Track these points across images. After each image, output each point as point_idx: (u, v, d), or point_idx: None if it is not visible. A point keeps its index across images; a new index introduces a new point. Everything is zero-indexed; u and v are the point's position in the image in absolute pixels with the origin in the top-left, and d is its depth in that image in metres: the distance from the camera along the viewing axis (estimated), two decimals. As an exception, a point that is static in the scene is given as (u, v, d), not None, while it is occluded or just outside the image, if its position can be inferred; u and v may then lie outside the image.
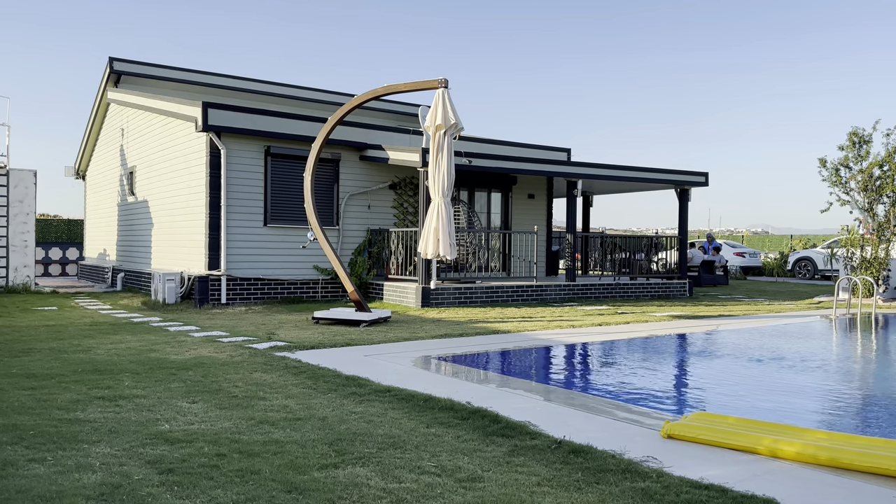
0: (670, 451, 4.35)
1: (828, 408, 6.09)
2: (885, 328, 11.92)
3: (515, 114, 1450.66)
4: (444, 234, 9.49)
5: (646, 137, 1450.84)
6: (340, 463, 4.04)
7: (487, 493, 3.59)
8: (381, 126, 15.61)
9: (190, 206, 13.87)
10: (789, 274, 26.86)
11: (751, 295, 17.79)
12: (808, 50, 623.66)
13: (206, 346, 8.28)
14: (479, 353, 8.25)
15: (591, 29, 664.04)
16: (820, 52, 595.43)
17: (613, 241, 17.40)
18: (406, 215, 15.30)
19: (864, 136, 16.56)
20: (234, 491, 3.57)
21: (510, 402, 5.62)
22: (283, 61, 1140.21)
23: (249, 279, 13.52)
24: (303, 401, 5.54)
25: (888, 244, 16.39)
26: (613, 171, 16.08)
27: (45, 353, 7.70)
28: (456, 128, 9.54)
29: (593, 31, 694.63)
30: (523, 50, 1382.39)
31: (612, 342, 9.38)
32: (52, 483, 3.64)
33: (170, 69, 18.37)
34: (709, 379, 7.27)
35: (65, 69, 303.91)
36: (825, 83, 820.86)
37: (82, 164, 21.78)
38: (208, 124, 12.88)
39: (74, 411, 5.13)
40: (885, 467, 3.89)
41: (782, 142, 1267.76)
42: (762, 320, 12.06)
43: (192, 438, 4.47)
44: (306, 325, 10.37)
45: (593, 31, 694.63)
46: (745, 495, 3.58)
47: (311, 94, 20.35)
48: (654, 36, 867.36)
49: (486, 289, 13.86)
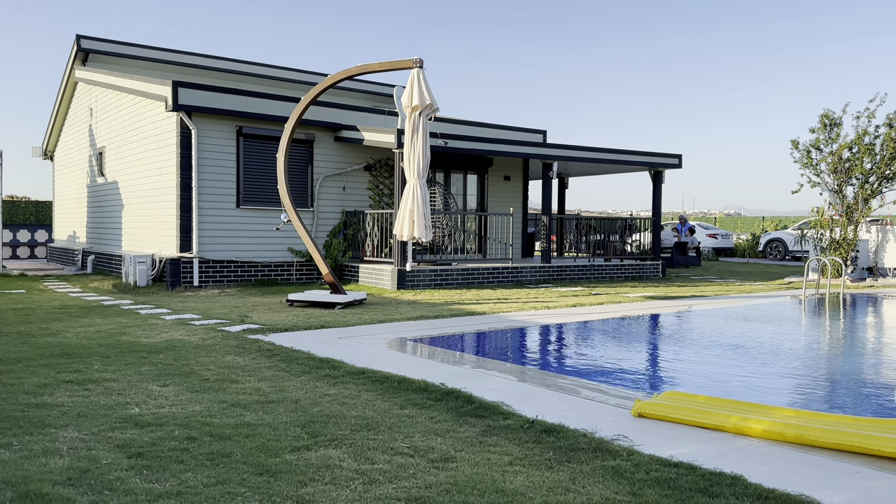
0: (641, 430, 4.40)
1: (796, 386, 6.20)
2: (853, 308, 12.16)
3: (491, 97, 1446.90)
4: (420, 216, 9.45)
5: (621, 122, 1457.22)
6: (313, 445, 4.02)
7: (460, 473, 3.60)
8: (356, 107, 15.46)
9: (161, 188, 13.65)
10: (761, 255, 27.26)
11: (722, 276, 18.03)
12: (782, 36, 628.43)
13: (177, 329, 8.19)
14: (455, 335, 8.27)
15: (571, 13, 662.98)
16: (793, 39, 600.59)
17: (588, 223, 17.49)
18: (381, 197, 15.21)
19: (834, 119, 16.78)
20: (205, 474, 3.54)
21: (484, 383, 5.64)
22: (257, 41, 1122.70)
23: (222, 261, 13.37)
24: (276, 383, 5.51)
25: (856, 226, 16.68)
26: (589, 152, 16.12)
27: (12, 336, 7.55)
28: (431, 108, 9.47)
29: (572, 16, 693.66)
30: (501, 33, 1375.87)
31: (586, 323, 9.46)
32: (17, 468, 3.58)
33: (139, 47, 17.98)
34: (680, 358, 7.36)
35: (31, 47, 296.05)
36: (798, 68, 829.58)
37: (50, 144, 21.31)
38: (178, 104, 12.64)
39: (42, 395, 5.04)
40: (850, 444, 3.97)
41: (755, 125, 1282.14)
42: (733, 301, 12.23)
43: (163, 422, 4.42)
44: (280, 307, 10.30)
45: (572, 16, 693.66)
46: (713, 472, 3.63)
47: (284, 73, 20.07)
48: (631, 23, 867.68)
49: (462, 271, 13.86)
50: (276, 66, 20.03)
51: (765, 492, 3.37)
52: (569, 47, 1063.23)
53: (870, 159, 16.41)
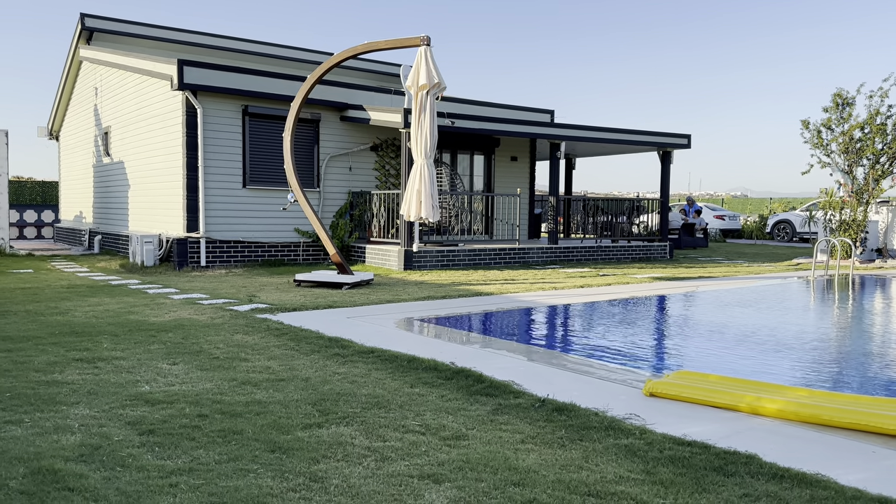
0: (653, 409, 4.38)
1: (808, 366, 6.16)
2: (862, 289, 12.09)
3: (499, 77, 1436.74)
4: (427, 197, 9.40)
5: (628, 104, 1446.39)
6: (324, 423, 4.01)
7: (472, 451, 3.59)
8: (363, 86, 15.34)
9: (167, 167, 13.61)
10: (768, 236, 27.13)
11: (730, 257, 17.95)
12: (793, 15, 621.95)
13: (186, 308, 8.19)
14: (463, 315, 8.24)
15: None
16: (805, 18, 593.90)
17: (596, 203, 17.40)
18: (388, 177, 15.14)
19: (847, 98, 16.59)
20: (217, 451, 3.54)
21: (494, 362, 5.62)
22: (262, 19, 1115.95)
23: (229, 241, 13.35)
24: (285, 362, 5.50)
25: (866, 206, 16.55)
26: (597, 132, 15.99)
27: (22, 315, 7.56)
28: (439, 87, 9.37)
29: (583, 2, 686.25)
30: (509, 13, 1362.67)
31: (593, 303, 9.42)
32: (29, 444, 3.58)
33: (144, 26, 17.85)
34: (690, 338, 7.33)
35: (36, 27, 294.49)
36: (806, 49, 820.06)
37: (55, 124, 21.25)
38: (184, 83, 12.56)
39: (52, 373, 5.05)
40: (865, 423, 3.94)
41: (763, 105, 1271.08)
42: (741, 282, 12.17)
43: (173, 399, 4.41)
44: (288, 287, 10.29)
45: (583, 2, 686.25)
46: (727, 451, 3.61)
47: (289, 52, 19.92)
48: (640, 8, 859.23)
49: (469, 251, 13.82)
50: (281, 45, 19.88)
51: (780, 471, 3.35)
52: (577, 33, 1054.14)
53: (881, 140, 16.24)
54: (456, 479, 3.23)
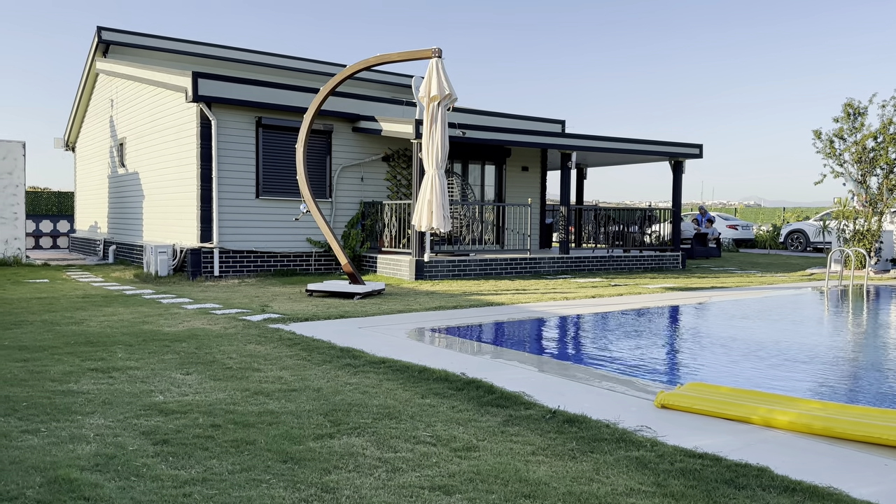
0: (664, 421, 4.37)
1: (821, 378, 6.13)
2: (877, 299, 12.00)
3: (510, 88, 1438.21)
4: (438, 207, 9.44)
5: (639, 115, 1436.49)
6: (336, 433, 4.04)
7: (483, 462, 3.60)
8: (375, 97, 15.45)
9: (181, 178, 13.74)
10: (781, 246, 26.96)
11: (743, 267, 17.85)
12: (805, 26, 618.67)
13: (199, 318, 8.25)
14: (473, 325, 8.26)
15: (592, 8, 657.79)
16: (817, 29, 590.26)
17: (607, 213, 17.38)
18: (399, 188, 15.21)
19: (859, 108, 16.52)
20: (230, 461, 3.57)
21: (504, 373, 5.63)
22: (276, 32, 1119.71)
23: (242, 252, 13.45)
24: (297, 372, 5.54)
25: (881, 216, 16.44)
26: (608, 142, 16.00)
27: (37, 325, 7.65)
28: (450, 98, 9.43)
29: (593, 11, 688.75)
30: (521, 25, 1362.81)
31: (605, 314, 9.41)
32: (45, 454, 3.63)
33: (159, 39, 18.08)
34: (702, 350, 7.30)
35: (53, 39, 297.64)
36: (819, 58, 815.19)
37: (72, 135, 21.52)
38: (198, 94, 12.70)
39: (67, 383, 5.11)
40: (878, 436, 3.92)
41: (776, 115, 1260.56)
42: (755, 292, 12.11)
43: (187, 409, 4.46)
44: (300, 297, 10.35)
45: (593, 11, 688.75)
46: (738, 464, 3.60)
47: (303, 64, 20.09)
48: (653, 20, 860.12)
49: (480, 261, 13.84)
50: (295, 56, 20.06)
51: (791, 483, 3.34)
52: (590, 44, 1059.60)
53: (895, 149, 16.13)
54: (467, 491, 3.24)
